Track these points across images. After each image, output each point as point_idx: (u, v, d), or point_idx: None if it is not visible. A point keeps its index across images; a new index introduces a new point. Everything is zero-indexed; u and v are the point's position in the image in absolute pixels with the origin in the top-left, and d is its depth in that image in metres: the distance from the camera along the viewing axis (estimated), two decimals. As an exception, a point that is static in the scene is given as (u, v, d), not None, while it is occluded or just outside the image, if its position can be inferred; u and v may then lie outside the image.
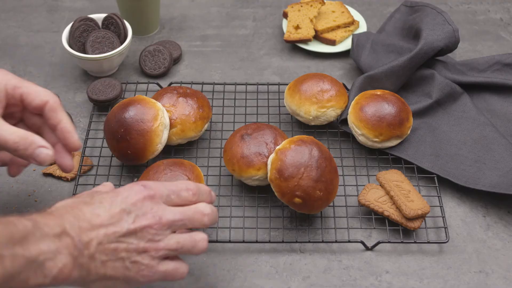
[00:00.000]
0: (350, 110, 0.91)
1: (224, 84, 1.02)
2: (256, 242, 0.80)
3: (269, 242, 0.80)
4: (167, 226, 0.63)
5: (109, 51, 1.00)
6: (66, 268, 0.57)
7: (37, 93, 0.70)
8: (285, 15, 1.15)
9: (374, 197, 0.82)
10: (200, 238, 0.66)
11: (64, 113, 0.71)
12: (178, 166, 0.78)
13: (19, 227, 0.55)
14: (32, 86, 0.70)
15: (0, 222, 0.55)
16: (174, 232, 0.66)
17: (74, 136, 0.71)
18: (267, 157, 0.82)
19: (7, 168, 0.76)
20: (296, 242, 0.81)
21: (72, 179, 0.89)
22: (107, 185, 0.71)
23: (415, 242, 0.80)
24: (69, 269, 0.57)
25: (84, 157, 0.90)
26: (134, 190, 0.63)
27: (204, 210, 0.66)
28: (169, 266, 0.65)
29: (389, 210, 0.81)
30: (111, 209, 0.61)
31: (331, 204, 0.84)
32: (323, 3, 1.14)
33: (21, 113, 0.73)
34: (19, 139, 0.66)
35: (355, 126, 0.89)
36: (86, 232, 0.59)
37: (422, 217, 0.80)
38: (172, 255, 0.66)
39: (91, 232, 0.59)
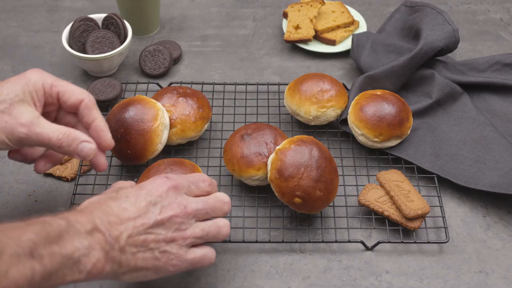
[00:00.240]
0: (350, 110, 0.91)
1: (224, 84, 1.02)
2: (256, 242, 0.80)
3: (269, 242, 0.80)
4: (192, 215, 0.66)
5: (109, 51, 1.00)
6: (99, 263, 0.59)
7: (73, 92, 0.71)
8: (285, 15, 1.15)
9: (374, 197, 0.82)
10: (223, 224, 0.68)
11: (98, 112, 0.72)
12: (179, 165, 0.78)
13: (54, 226, 0.57)
14: (68, 84, 0.72)
15: (36, 222, 0.56)
16: (198, 221, 0.68)
17: (108, 135, 0.72)
18: (267, 157, 0.82)
19: (35, 164, 0.76)
20: (296, 242, 0.81)
21: (72, 179, 0.89)
22: (129, 182, 0.73)
23: (415, 242, 0.80)
24: (102, 263, 0.59)
25: (84, 157, 0.90)
26: (158, 182, 0.65)
27: (223, 198, 0.69)
28: (196, 254, 0.66)
29: (389, 210, 0.81)
30: (137, 203, 0.63)
31: (331, 204, 0.84)
32: (323, 3, 1.14)
33: (56, 112, 0.74)
34: (62, 135, 0.67)
35: (355, 126, 0.89)
36: (115, 226, 0.61)
37: (422, 217, 0.80)
38: (199, 243, 0.67)
39: (120, 226, 0.61)
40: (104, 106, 0.98)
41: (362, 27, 1.14)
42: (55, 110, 0.74)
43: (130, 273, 0.63)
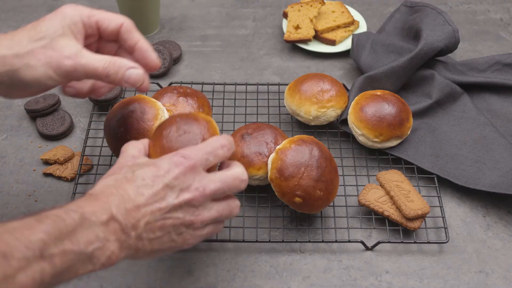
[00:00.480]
0: (350, 110, 0.91)
1: (224, 84, 1.02)
2: (256, 241, 0.80)
3: (269, 242, 0.80)
4: (209, 197, 0.63)
5: (109, 51, 1.00)
6: (114, 255, 0.58)
7: (111, 18, 0.69)
8: (285, 15, 1.15)
9: (374, 197, 0.82)
10: (235, 205, 0.67)
11: (139, 34, 0.70)
12: (194, 124, 0.70)
13: (67, 221, 0.55)
14: (104, 12, 0.70)
15: (47, 218, 0.55)
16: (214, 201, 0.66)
17: (153, 54, 0.70)
18: (267, 157, 0.82)
19: (93, 92, 0.74)
20: (296, 242, 0.81)
21: (72, 179, 0.89)
22: (141, 144, 0.69)
23: (415, 242, 0.80)
24: (117, 254, 0.58)
25: (84, 157, 0.90)
26: (175, 163, 0.62)
27: (241, 176, 0.66)
28: (210, 228, 0.65)
29: (389, 210, 0.81)
30: (154, 186, 0.61)
31: (331, 204, 0.84)
32: (323, 3, 1.14)
33: (97, 43, 0.72)
34: (108, 64, 0.65)
35: (355, 126, 0.89)
36: (132, 213, 0.59)
37: (422, 217, 0.80)
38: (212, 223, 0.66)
39: (137, 213, 0.59)
40: (105, 105, 0.98)
41: (362, 27, 1.14)
42: (95, 41, 0.72)
43: (146, 255, 0.62)
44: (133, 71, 0.66)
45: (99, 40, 0.72)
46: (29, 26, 0.66)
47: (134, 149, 0.67)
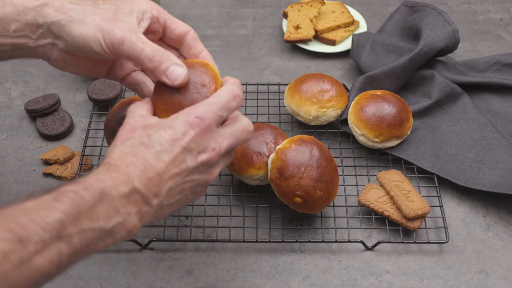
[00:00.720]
0: (350, 110, 0.91)
1: (224, 84, 1.02)
2: (256, 241, 0.80)
3: (269, 241, 0.80)
4: (224, 153, 0.63)
5: (109, 51, 1.00)
6: (135, 228, 0.57)
7: (179, 23, 0.70)
8: (285, 15, 1.15)
9: (374, 197, 0.82)
10: (233, 156, 0.67)
11: (202, 45, 0.71)
12: (190, 72, 0.67)
13: (86, 198, 0.53)
14: (173, 17, 0.70)
15: (66, 195, 0.53)
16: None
17: (214, 63, 0.71)
18: (268, 157, 0.82)
19: (140, 90, 0.73)
20: (296, 242, 0.81)
21: (72, 179, 0.89)
22: (146, 104, 0.66)
23: (415, 242, 0.80)
24: (137, 227, 0.57)
25: (84, 157, 0.90)
26: (190, 124, 0.61)
27: (249, 127, 0.65)
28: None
29: (389, 210, 0.81)
30: (173, 151, 0.59)
31: (331, 204, 0.84)
32: (323, 3, 1.14)
33: (158, 42, 0.71)
34: (157, 51, 0.64)
35: (355, 126, 0.89)
36: (154, 183, 0.58)
37: (422, 217, 0.80)
38: None
39: (159, 182, 0.58)
40: (105, 105, 0.98)
41: (362, 27, 1.14)
42: (157, 39, 0.71)
43: (161, 218, 0.62)
44: (178, 67, 0.64)
45: (160, 41, 0.71)
46: None
47: (142, 109, 0.65)
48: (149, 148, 0.59)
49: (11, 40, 0.65)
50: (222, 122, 0.64)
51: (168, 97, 0.64)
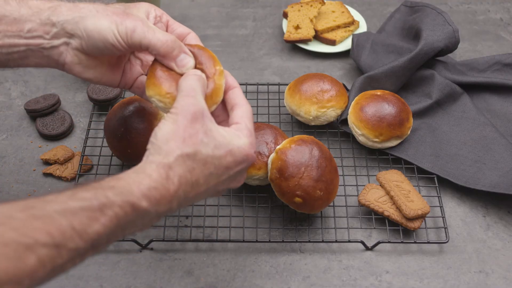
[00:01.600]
0: (350, 110, 0.91)
1: (224, 84, 1.02)
2: (256, 241, 0.80)
3: (269, 241, 0.80)
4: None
5: (109, 51, 1.00)
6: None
7: (180, 25, 0.72)
8: (285, 15, 1.15)
9: (374, 197, 0.82)
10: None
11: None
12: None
13: (130, 217, 0.54)
14: (174, 20, 0.73)
15: (112, 208, 0.53)
16: None
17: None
18: (268, 157, 0.82)
19: None
20: (296, 242, 0.81)
21: (72, 179, 0.89)
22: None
23: (415, 242, 0.80)
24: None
25: (84, 157, 0.90)
26: (248, 159, 0.63)
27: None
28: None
29: (389, 210, 0.81)
30: (220, 177, 0.62)
31: (331, 204, 0.84)
32: (323, 3, 1.14)
33: None
34: (169, 37, 0.65)
35: (355, 126, 0.89)
36: (189, 198, 0.60)
37: (422, 217, 0.80)
38: None
39: (192, 198, 0.61)
40: (104, 105, 0.98)
41: (362, 27, 1.14)
42: None
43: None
44: (187, 57, 0.66)
45: None
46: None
47: (201, 94, 0.63)
48: (205, 167, 0.60)
49: (25, 40, 0.65)
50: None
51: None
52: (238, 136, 0.62)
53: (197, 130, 0.59)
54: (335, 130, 0.95)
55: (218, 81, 0.66)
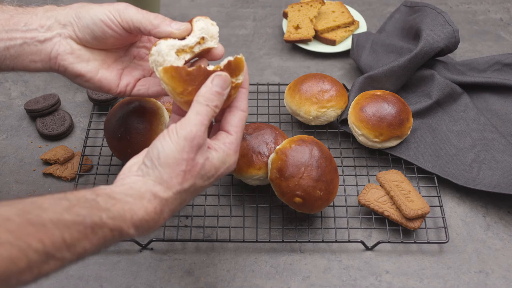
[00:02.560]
0: (350, 110, 0.91)
1: (224, 84, 1.02)
2: (256, 241, 0.80)
3: (269, 242, 0.80)
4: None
5: (109, 51, 1.00)
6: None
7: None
8: (285, 15, 1.15)
9: (374, 197, 0.82)
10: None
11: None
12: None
13: (117, 238, 0.56)
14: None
15: (102, 229, 0.55)
16: None
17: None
18: (268, 157, 0.82)
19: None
20: (296, 242, 0.81)
21: (72, 179, 0.89)
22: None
23: (415, 242, 0.80)
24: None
25: (84, 157, 0.90)
26: (230, 169, 0.65)
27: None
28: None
29: (389, 210, 0.81)
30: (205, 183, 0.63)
31: (331, 204, 0.84)
32: (323, 3, 1.14)
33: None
34: (157, 16, 0.67)
35: (355, 126, 0.89)
36: (166, 214, 0.61)
37: (422, 217, 0.80)
38: None
39: (168, 213, 0.61)
40: (105, 105, 0.98)
41: (362, 27, 1.14)
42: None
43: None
44: (178, 22, 0.68)
45: None
46: None
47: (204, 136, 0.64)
48: (195, 193, 0.63)
49: (22, 34, 0.67)
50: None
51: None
52: (228, 155, 0.64)
53: (197, 163, 0.61)
54: (335, 130, 0.95)
55: (232, 95, 0.66)
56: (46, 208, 0.52)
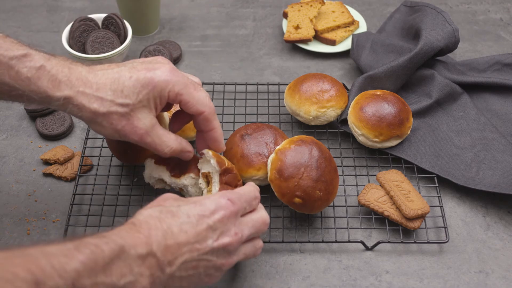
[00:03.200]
0: (350, 110, 0.91)
1: (224, 84, 1.02)
2: (256, 242, 0.80)
3: (269, 242, 0.80)
4: (244, 241, 0.67)
5: (109, 51, 1.00)
6: None
7: (195, 102, 0.72)
8: (285, 15, 1.15)
9: (374, 197, 0.82)
10: (259, 246, 0.70)
11: (216, 122, 0.75)
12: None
13: (106, 252, 0.55)
14: (193, 93, 0.72)
15: (87, 246, 0.54)
16: None
17: (220, 144, 0.77)
18: (267, 157, 0.82)
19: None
20: (296, 242, 0.81)
21: (72, 179, 0.89)
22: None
23: (415, 242, 0.80)
24: None
25: (84, 157, 0.90)
26: (222, 206, 0.64)
27: (267, 219, 0.70)
28: (231, 266, 0.67)
29: (389, 210, 0.81)
30: (197, 226, 0.62)
31: (331, 204, 0.84)
32: (323, 3, 1.14)
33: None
34: (178, 146, 0.74)
35: (355, 126, 0.89)
36: (172, 251, 0.60)
37: (422, 217, 0.80)
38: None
39: (176, 251, 0.60)
40: (104, 106, 0.98)
41: (362, 27, 1.14)
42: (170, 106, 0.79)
43: None
44: (189, 154, 0.76)
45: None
46: (114, 71, 0.70)
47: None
48: (175, 217, 0.62)
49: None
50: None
51: None
52: (206, 197, 0.66)
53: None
54: (335, 130, 0.95)
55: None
56: (27, 246, 0.53)
